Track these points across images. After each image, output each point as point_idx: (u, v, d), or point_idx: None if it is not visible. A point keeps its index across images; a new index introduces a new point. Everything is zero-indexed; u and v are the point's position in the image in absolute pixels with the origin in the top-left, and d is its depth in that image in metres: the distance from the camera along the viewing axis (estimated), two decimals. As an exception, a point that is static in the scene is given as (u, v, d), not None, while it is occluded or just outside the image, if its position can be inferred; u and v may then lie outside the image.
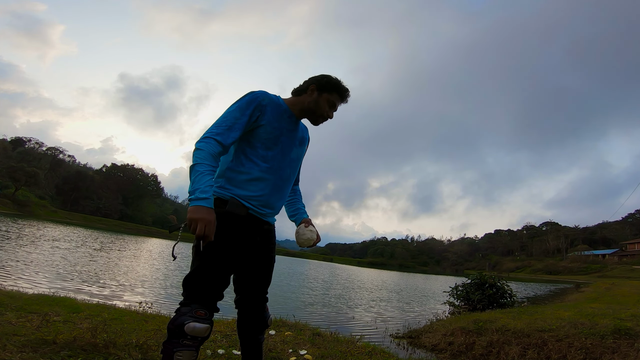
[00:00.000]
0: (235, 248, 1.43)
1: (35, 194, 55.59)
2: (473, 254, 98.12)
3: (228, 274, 1.43)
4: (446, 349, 4.05)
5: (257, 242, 1.52)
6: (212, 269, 1.38)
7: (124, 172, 75.75)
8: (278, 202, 1.57)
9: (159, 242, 33.32)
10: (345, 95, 1.61)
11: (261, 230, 1.53)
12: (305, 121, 1.66)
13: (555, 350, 3.38)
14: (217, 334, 2.84)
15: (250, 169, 1.46)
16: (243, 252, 1.47)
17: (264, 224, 1.54)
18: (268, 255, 1.60)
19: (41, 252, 9.64)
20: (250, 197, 1.46)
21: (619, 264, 53.91)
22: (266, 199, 1.49)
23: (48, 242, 12.99)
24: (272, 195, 1.51)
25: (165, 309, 4.58)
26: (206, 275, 1.38)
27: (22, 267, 6.73)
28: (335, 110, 1.61)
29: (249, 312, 1.60)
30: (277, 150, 1.50)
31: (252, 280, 1.57)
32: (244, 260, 1.51)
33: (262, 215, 1.51)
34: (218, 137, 1.35)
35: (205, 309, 1.35)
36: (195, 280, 1.38)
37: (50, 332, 2.07)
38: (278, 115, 1.50)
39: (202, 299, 1.36)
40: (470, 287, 7.75)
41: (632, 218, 78.98)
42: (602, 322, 3.89)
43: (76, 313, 2.81)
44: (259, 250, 1.55)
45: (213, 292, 1.38)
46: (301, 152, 1.65)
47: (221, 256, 1.39)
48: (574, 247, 76.78)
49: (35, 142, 67.85)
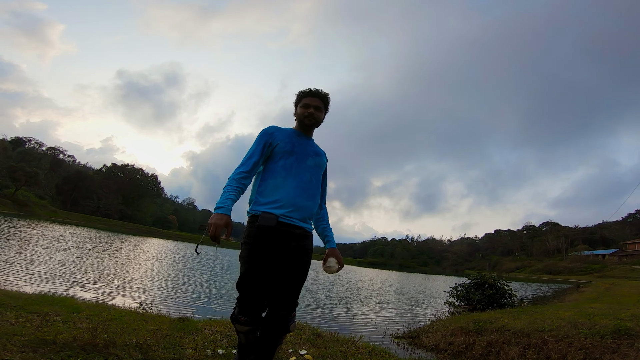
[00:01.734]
0: (270, 258, 1.64)
1: (35, 194, 55.57)
2: (473, 254, 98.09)
3: (265, 280, 1.64)
4: (446, 349, 4.05)
5: (292, 247, 1.69)
6: (251, 279, 1.64)
7: (124, 172, 75.73)
8: (306, 201, 1.75)
9: (159, 242, 33.33)
10: (311, 92, 1.88)
11: (294, 235, 1.69)
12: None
13: (555, 350, 3.38)
14: (217, 334, 2.84)
15: (274, 179, 1.74)
16: (278, 259, 1.66)
17: (297, 228, 1.71)
18: (302, 260, 1.74)
19: (41, 252, 9.64)
20: (277, 201, 1.69)
21: (619, 264, 53.91)
22: (292, 200, 1.70)
23: (48, 242, 12.99)
24: (297, 196, 1.72)
25: (165, 309, 4.57)
26: (246, 286, 1.65)
27: (21, 268, 6.73)
28: (310, 109, 1.85)
29: (275, 315, 1.70)
30: (293, 159, 1.77)
31: (285, 283, 1.71)
32: (280, 266, 1.68)
33: (293, 220, 1.70)
34: (242, 167, 1.73)
35: (246, 316, 1.65)
36: (239, 289, 1.67)
37: (50, 332, 2.07)
38: (287, 135, 1.83)
39: (243, 306, 1.66)
40: (470, 287, 7.75)
41: (632, 218, 78.92)
42: (602, 322, 3.89)
43: (76, 313, 2.81)
44: (294, 255, 1.70)
45: (253, 300, 1.65)
46: (319, 161, 1.87)
47: (256, 266, 1.63)
48: (574, 247, 76.73)
49: (35, 142, 67.87)
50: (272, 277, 1.65)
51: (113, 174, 73.99)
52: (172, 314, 3.74)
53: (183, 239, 58.39)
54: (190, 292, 7.24)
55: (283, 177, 1.73)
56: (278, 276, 1.68)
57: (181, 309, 5.17)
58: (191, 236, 69.02)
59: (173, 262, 13.82)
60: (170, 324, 3.00)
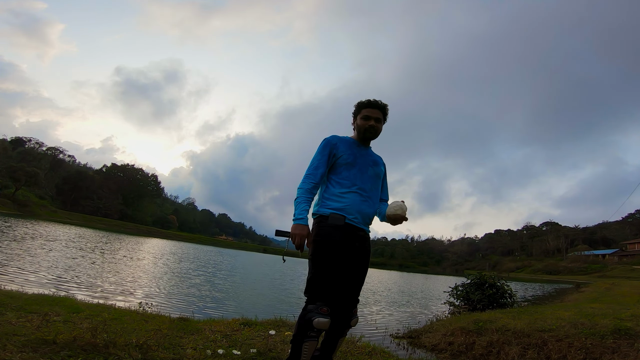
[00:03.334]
0: (340, 252, 1.78)
1: (35, 194, 55.55)
2: (473, 254, 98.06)
3: (338, 274, 1.77)
4: (446, 349, 4.05)
5: (356, 247, 1.84)
6: (327, 271, 1.75)
7: (124, 172, 75.74)
8: (368, 209, 1.91)
9: (159, 242, 33.33)
10: (370, 103, 1.96)
11: (358, 236, 1.86)
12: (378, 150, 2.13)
13: (555, 350, 3.38)
14: (217, 334, 2.84)
15: (340, 188, 1.89)
16: (346, 256, 1.80)
17: (360, 230, 1.87)
18: (364, 259, 1.90)
19: (41, 252, 9.64)
20: (344, 208, 1.84)
21: (619, 264, 53.90)
22: (357, 207, 1.86)
23: (48, 242, 12.99)
24: (361, 204, 1.88)
25: (165, 309, 4.58)
26: (323, 278, 1.75)
27: (21, 268, 6.73)
28: (371, 121, 1.95)
29: (338, 312, 1.81)
30: (356, 170, 1.91)
31: (349, 282, 1.85)
32: (345, 265, 1.80)
33: (357, 223, 1.85)
34: (310, 177, 1.88)
35: (327, 306, 1.72)
36: (316, 283, 1.76)
37: (50, 332, 2.07)
38: (348, 145, 1.96)
39: (324, 297, 1.73)
40: (470, 287, 7.74)
41: (632, 218, 78.91)
42: (602, 322, 3.88)
43: (76, 313, 2.81)
44: (357, 255, 1.86)
45: (330, 291, 1.74)
46: (378, 171, 2.01)
47: (331, 260, 1.76)
48: (574, 247, 76.72)
49: (36, 142, 67.90)
50: (339, 274, 1.78)
51: (113, 174, 74.00)
52: (172, 314, 3.74)
53: (183, 239, 58.36)
54: (190, 292, 7.24)
55: (348, 188, 1.88)
56: (343, 274, 1.81)
57: (181, 309, 5.17)
58: (191, 236, 68.98)
59: (173, 262, 13.82)
60: (170, 324, 3.00)
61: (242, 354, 2.37)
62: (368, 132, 1.96)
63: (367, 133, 1.96)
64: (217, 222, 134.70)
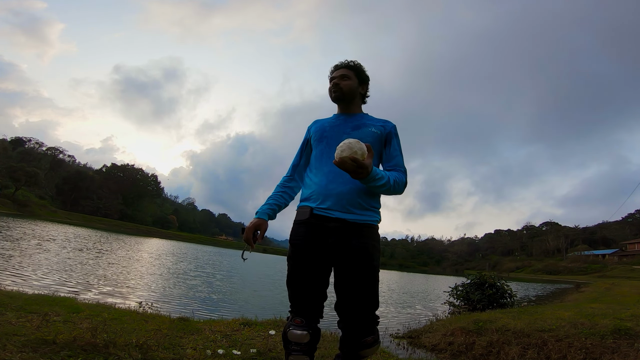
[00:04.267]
0: (306, 252, 1.45)
1: (35, 194, 55.55)
2: (473, 254, 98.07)
3: (305, 280, 1.46)
4: (446, 349, 4.05)
5: (330, 244, 1.43)
6: (291, 278, 1.49)
7: (124, 172, 75.77)
8: (340, 187, 1.45)
9: (159, 242, 33.33)
10: (336, 66, 1.66)
11: (328, 229, 1.43)
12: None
13: (555, 350, 3.38)
14: (217, 334, 2.85)
15: (309, 172, 1.62)
16: (316, 256, 1.44)
17: (330, 221, 1.43)
18: (347, 258, 1.43)
19: (42, 252, 9.64)
20: (310, 196, 1.52)
21: (619, 264, 53.89)
22: (323, 189, 1.47)
23: (48, 242, 12.99)
24: (330, 182, 1.47)
25: (165, 309, 4.57)
26: (290, 285, 1.49)
27: (21, 268, 6.73)
28: (335, 79, 1.62)
29: (344, 329, 1.51)
30: (323, 144, 1.57)
31: (341, 289, 1.47)
32: (318, 267, 1.45)
33: (327, 211, 1.44)
34: (289, 170, 1.73)
35: (300, 317, 1.44)
36: (288, 290, 1.51)
37: (50, 332, 2.07)
38: (322, 122, 1.68)
39: (294, 307, 1.48)
40: (470, 287, 7.75)
41: (632, 218, 78.93)
42: (602, 322, 3.88)
43: (76, 313, 2.81)
44: (337, 254, 1.44)
45: (299, 300, 1.46)
46: (363, 134, 1.52)
47: (294, 263, 1.48)
48: (574, 247, 76.73)
49: (35, 142, 67.89)
50: (306, 279, 1.46)
51: (113, 174, 74.02)
52: (172, 314, 3.74)
53: (183, 239, 58.35)
54: (190, 292, 7.24)
55: (315, 168, 1.56)
56: (316, 281, 1.46)
57: (181, 309, 5.17)
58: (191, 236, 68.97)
59: (173, 263, 13.83)
60: (170, 324, 3.00)
61: (242, 354, 2.37)
62: (333, 93, 1.61)
63: (333, 94, 1.61)
64: (217, 222, 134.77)
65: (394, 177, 1.42)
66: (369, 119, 1.62)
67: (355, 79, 1.63)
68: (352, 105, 1.64)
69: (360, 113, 1.67)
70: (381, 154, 1.59)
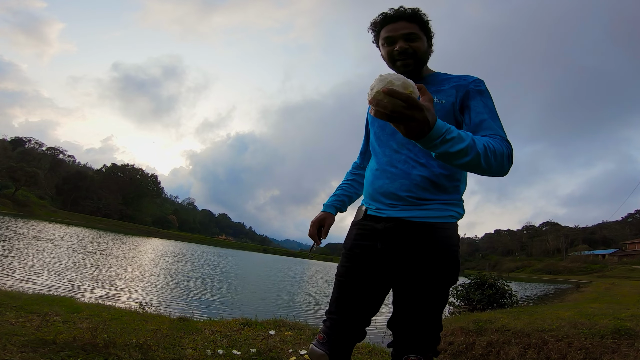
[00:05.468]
0: (354, 258, 1.19)
1: (35, 194, 55.59)
2: (473, 254, 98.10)
3: (349, 290, 1.19)
4: (446, 349, 4.05)
5: (379, 251, 1.14)
6: (336, 285, 1.23)
7: (124, 172, 75.82)
8: (384, 181, 1.16)
9: (159, 242, 33.34)
10: (387, 17, 1.16)
11: (376, 231, 1.15)
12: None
13: (555, 350, 3.38)
14: (217, 334, 2.85)
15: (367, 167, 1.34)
16: (365, 264, 1.17)
17: (379, 221, 1.14)
18: (401, 267, 1.10)
19: (41, 252, 9.64)
20: (365, 195, 1.25)
21: (619, 264, 53.89)
22: (369, 187, 1.21)
23: (48, 242, 12.99)
24: (375, 180, 1.18)
25: (165, 309, 4.58)
26: (333, 293, 1.23)
27: (21, 268, 6.73)
28: (395, 41, 1.15)
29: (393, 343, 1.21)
30: (375, 126, 1.24)
31: (398, 300, 1.17)
32: (365, 275, 1.19)
33: (377, 211, 1.16)
34: (358, 157, 1.48)
35: (324, 333, 1.18)
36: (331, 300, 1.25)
37: (50, 332, 2.07)
38: None
39: (325, 321, 1.22)
40: (470, 287, 7.75)
41: (632, 218, 78.97)
42: (602, 322, 3.89)
43: (76, 313, 2.81)
44: (387, 262, 1.13)
45: (335, 313, 1.20)
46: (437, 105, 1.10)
47: (341, 269, 1.23)
48: (574, 247, 76.75)
49: (35, 142, 67.90)
50: (351, 289, 1.20)
51: (113, 174, 74.06)
52: (172, 314, 3.74)
53: (183, 239, 58.36)
54: (190, 292, 7.24)
55: (369, 160, 1.31)
56: (361, 291, 1.20)
57: (181, 309, 5.17)
58: (191, 236, 68.97)
59: (173, 263, 13.83)
60: (170, 324, 3.00)
61: (242, 354, 2.37)
62: (399, 61, 1.14)
63: (398, 62, 1.14)
64: (217, 222, 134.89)
65: (483, 142, 0.89)
66: (442, 83, 1.16)
67: (423, 37, 1.16)
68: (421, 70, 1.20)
69: (429, 74, 1.21)
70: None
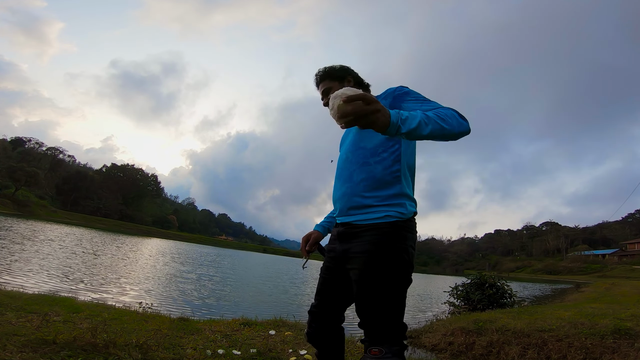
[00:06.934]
0: (328, 259, 1.42)
1: (35, 194, 55.56)
2: (473, 254, 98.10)
3: (323, 285, 1.43)
4: (446, 349, 4.05)
5: (338, 252, 1.33)
6: (318, 287, 1.46)
7: (124, 172, 75.78)
8: (340, 188, 1.33)
9: (159, 242, 33.34)
10: (315, 80, 1.49)
11: (336, 235, 1.37)
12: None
13: (555, 350, 3.38)
14: (217, 334, 2.85)
15: None
16: (330, 267, 1.40)
17: (337, 226, 1.37)
18: (353, 268, 1.25)
19: (42, 252, 9.64)
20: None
21: (619, 264, 53.90)
22: (333, 198, 1.40)
23: (48, 242, 12.99)
24: (335, 189, 1.37)
25: (165, 309, 4.58)
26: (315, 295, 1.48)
27: (21, 268, 6.73)
28: (326, 95, 1.44)
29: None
30: (340, 150, 1.48)
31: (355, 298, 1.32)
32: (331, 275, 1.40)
33: (337, 217, 1.38)
34: None
35: (308, 327, 1.46)
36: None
37: (50, 332, 2.07)
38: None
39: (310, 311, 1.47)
40: (470, 287, 7.75)
41: (632, 218, 78.94)
42: (602, 322, 3.89)
43: (76, 313, 2.81)
44: (345, 262, 1.30)
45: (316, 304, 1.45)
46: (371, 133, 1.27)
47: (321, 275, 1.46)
48: (574, 247, 76.74)
49: (35, 142, 67.85)
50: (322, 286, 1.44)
51: (113, 174, 74.03)
52: (172, 314, 3.74)
53: (183, 239, 58.36)
54: (190, 292, 7.24)
55: None
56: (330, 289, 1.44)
57: (181, 309, 5.17)
58: (191, 236, 68.98)
59: (173, 263, 13.83)
60: (170, 324, 3.00)
61: (242, 354, 2.37)
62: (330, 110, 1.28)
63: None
64: (217, 222, 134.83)
65: (430, 112, 1.03)
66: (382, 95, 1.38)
67: (336, 83, 1.44)
68: None
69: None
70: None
